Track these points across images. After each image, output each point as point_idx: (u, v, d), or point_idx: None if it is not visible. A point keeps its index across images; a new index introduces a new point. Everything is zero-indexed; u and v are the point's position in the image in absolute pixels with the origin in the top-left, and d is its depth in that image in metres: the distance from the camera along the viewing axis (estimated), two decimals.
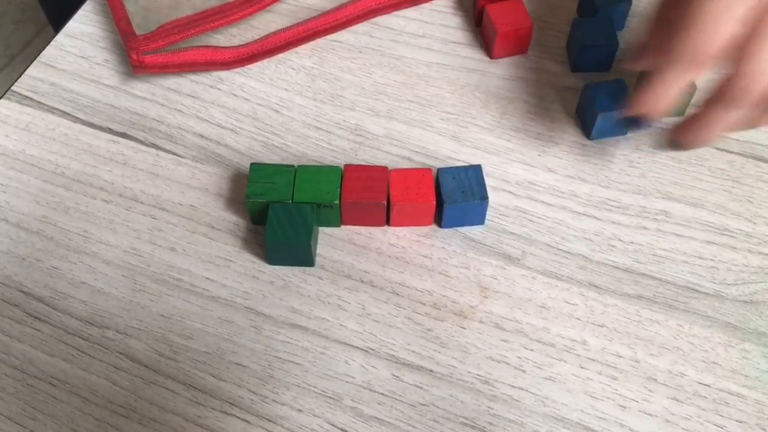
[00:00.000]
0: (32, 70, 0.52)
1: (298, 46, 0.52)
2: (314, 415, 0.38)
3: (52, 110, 0.50)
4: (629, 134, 0.47)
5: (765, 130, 0.48)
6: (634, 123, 0.42)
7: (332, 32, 0.53)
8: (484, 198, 0.42)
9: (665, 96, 0.38)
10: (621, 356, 0.40)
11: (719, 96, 0.37)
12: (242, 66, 0.51)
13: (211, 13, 0.51)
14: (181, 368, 0.40)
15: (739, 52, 0.35)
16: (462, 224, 0.44)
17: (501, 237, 0.44)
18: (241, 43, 0.52)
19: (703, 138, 0.40)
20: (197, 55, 0.50)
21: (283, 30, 0.52)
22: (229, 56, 0.51)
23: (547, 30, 0.53)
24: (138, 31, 0.49)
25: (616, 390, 0.39)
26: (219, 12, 0.51)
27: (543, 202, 0.45)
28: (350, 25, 0.53)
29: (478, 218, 0.44)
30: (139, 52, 0.48)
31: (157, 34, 0.49)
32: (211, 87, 0.51)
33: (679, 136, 0.40)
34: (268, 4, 0.53)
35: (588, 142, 0.47)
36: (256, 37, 0.52)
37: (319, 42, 0.53)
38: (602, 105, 0.45)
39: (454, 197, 0.42)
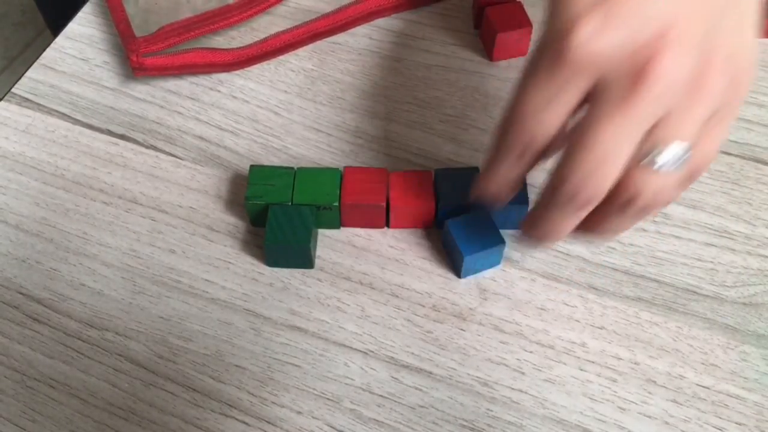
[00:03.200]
0: (32, 72, 0.52)
1: (297, 48, 0.52)
2: (313, 417, 0.38)
3: (51, 112, 0.50)
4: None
5: (765, 131, 0.48)
6: (477, 206, 0.39)
7: (332, 34, 0.53)
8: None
9: (498, 181, 0.36)
10: (620, 358, 0.40)
11: (550, 195, 0.33)
12: (242, 68, 0.51)
13: (210, 16, 0.51)
14: (180, 370, 0.40)
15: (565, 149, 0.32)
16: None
17: None
18: (241, 45, 0.52)
19: (549, 235, 0.35)
20: (197, 57, 0.50)
21: (283, 32, 0.52)
22: (228, 58, 0.51)
23: None
24: (138, 33, 0.49)
25: (615, 392, 0.39)
26: (219, 14, 0.51)
27: None
28: (350, 28, 0.53)
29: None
30: (138, 54, 0.48)
31: (157, 37, 0.49)
32: (211, 89, 0.51)
33: (526, 232, 0.37)
34: (268, 7, 0.53)
35: None
36: (256, 39, 0.52)
37: (319, 44, 0.53)
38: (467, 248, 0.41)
39: (451, 198, 0.42)
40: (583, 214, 0.33)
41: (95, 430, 0.38)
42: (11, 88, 0.51)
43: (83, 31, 0.54)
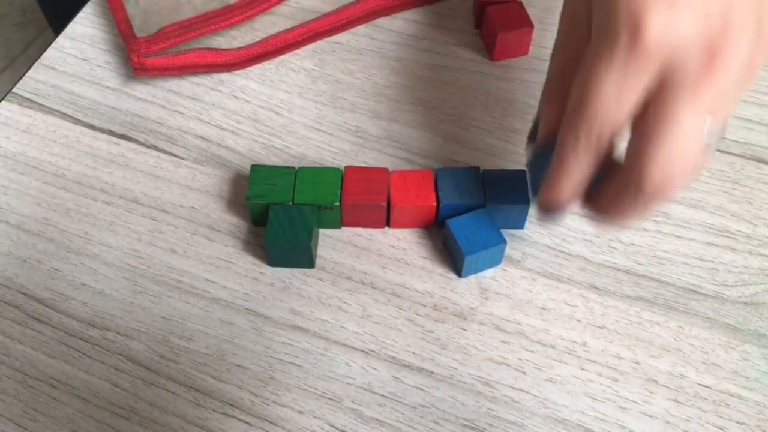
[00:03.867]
0: (33, 72, 0.52)
1: (299, 47, 0.52)
2: (315, 417, 0.38)
3: (52, 112, 0.50)
4: None
5: (766, 130, 0.48)
6: (548, 217, 0.37)
7: (333, 34, 0.53)
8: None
9: (571, 183, 0.35)
10: (621, 358, 0.40)
11: (623, 183, 0.33)
12: (243, 68, 0.51)
13: (212, 16, 0.51)
14: (181, 370, 0.40)
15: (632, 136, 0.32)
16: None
17: None
18: (242, 45, 0.52)
19: (615, 219, 0.36)
20: (198, 57, 0.50)
21: (284, 32, 0.52)
22: (229, 58, 0.51)
23: (548, 32, 0.53)
24: (139, 34, 0.49)
25: (616, 391, 0.39)
26: (220, 14, 0.51)
27: None
28: (351, 27, 0.53)
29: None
30: (140, 55, 0.48)
31: (158, 37, 0.49)
32: (212, 89, 0.51)
33: (546, 203, 0.36)
34: (270, 7, 0.53)
35: None
36: (257, 39, 0.52)
37: (320, 44, 0.53)
38: (468, 248, 0.41)
39: (451, 198, 0.42)
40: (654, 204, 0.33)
41: (96, 430, 0.38)
42: (12, 88, 0.51)
43: (84, 31, 0.54)
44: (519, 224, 0.43)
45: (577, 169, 0.34)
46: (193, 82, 0.51)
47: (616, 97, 0.31)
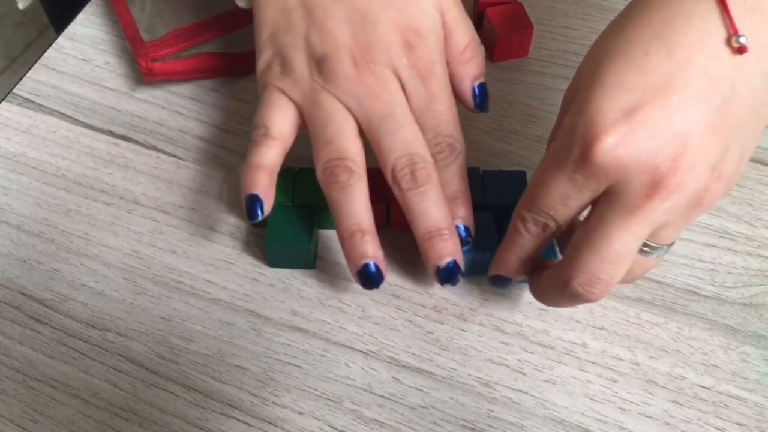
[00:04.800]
0: (33, 73, 0.52)
1: None
2: (314, 418, 0.38)
3: (53, 113, 0.50)
4: None
5: (765, 132, 0.48)
6: (496, 284, 0.40)
7: None
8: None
9: (518, 260, 0.37)
10: (621, 359, 0.40)
11: (553, 276, 0.36)
12: (250, 72, 0.51)
13: (218, 20, 0.50)
14: (181, 371, 0.40)
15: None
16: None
17: None
18: (247, 48, 0.52)
19: (544, 301, 0.38)
20: (205, 61, 0.49)
21: None
22: (236, 62, 0.50)
23: (548, 33, 0.53)
24: (145, 38, 0.49)
25: (616, 393, 0.39)
26: (226, 19, 0.50)
27: None
28: None
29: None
30: (148, 60, 0.48)
31: (165, 41, 0.48)
32: (212, 89, 0.51)
33: (496, 268, 0.39)
34: None
35: None
36: None
37: None
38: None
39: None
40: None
41: (96, 431, 0.38)
42: (13, 89, 0.51)
43: (84, 31, 0.54)
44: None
45: (520, 247, 0.36)
46: (192, 82, 0.51)
47: (560, 200, 0.34)
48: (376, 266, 0.39)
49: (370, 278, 0.39)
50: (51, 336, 0.41)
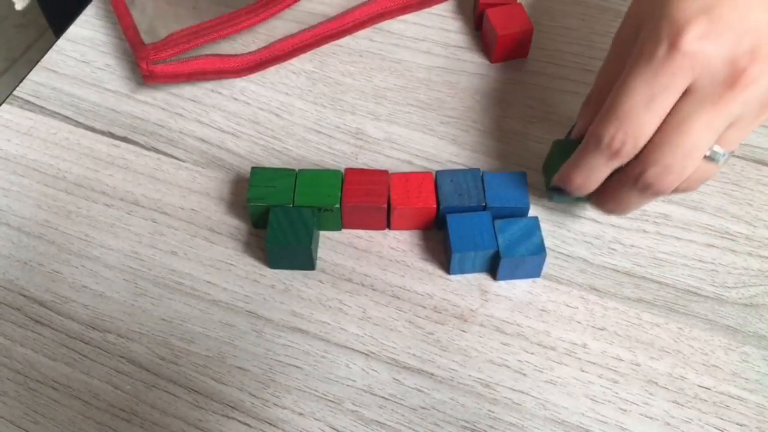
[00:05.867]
0: (34, 75, 0.52)
1: (305, 51, 0.52)
2: (315, 419, 0.38)
3: (53, 115, 0.50)
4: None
5: (766, 132, 0.48)
6: (558, 192, 0.40)
7: (338, 38, 0.53)
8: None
9: (586, 179, 0.38)
10: (621, 359, 0.40)
11: (626, 173, 0.37)
12: (251, 73, 0.51)
13: (219, 22, 0.50)
14: (182, 372, 0.40)
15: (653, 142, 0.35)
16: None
17: None
18: (249, 50, 0.52)
19: (614, 207, 0.39)
20: (206, 63, 0.49)
21: (291, 36, 0.52)
22: (238, 64, 0.50)
23: (547, 34, 0.53)
24: (146, 40, 0.49)
25: (616, 393, 0.39)
26: (227, 20, 0.50)
27: (543, 205, 0.45)
28: (356, 30, 0.53)
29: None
30: (149, 62, 0.48)
31: (166, 43, 0.48)
32: (212, 91, 0.51)
33: (559, 183, 0.40)
34: (277, 12, 0.52)
35: None
36: (261, 43, 0.52)
37: (320, 46, 0.53)
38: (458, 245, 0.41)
39: (451, 200, 0.42)
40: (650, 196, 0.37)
41: None
42: (13, 91, 0.51)
43: (85, 33, 0.54)
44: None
45: (589, 168, 0.37)
46: (193, 84, 0.51)
47: (645, 102, 0.34)
48: None
49: None
50: (52, 337, 0.41)
